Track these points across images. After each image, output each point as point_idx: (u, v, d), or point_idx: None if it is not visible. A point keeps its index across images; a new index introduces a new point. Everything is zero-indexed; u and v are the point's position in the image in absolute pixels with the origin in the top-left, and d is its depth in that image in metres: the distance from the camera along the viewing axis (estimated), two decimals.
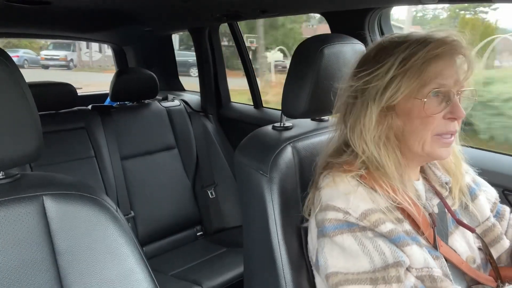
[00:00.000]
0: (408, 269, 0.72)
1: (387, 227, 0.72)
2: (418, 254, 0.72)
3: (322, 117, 1.07)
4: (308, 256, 0.85)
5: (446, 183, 0.85)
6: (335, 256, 0.74)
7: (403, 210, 0.75)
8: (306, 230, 0.85)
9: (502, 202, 0.96)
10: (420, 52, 0.71)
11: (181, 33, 2.45)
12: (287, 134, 0.97)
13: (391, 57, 0.74)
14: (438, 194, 0.84)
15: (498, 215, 0.91)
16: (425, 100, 0.73)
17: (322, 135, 0.98)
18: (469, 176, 0.91)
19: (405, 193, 0.75)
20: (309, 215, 0.82)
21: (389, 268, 0.70)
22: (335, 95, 0.86)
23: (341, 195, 0.75)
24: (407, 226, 0.75)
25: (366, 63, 0.77)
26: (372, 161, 0.76)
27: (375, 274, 0.70)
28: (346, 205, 0.74)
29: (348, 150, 0.81)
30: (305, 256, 0.86)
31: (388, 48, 0.76)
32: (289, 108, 0.96)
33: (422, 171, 0.87)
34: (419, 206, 0.76)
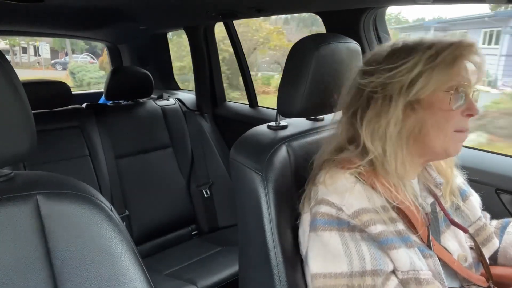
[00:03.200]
0: (394, 272, 0.74)
1: (377, 228, 0.73)
2: (404, 257, 0.73)
3: (317, 117, 1.07)
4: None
5: (440, 184, 0.86)
6: (316, 253, 0.76)
7: (399, 209, 0.76)
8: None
9: (494, 201, 0.97)
10: (448, 50, 0.74)
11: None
12: (282, 133, 0.97)
13: (415, 54, 0.75)
14: (432, 193, 0.85)
15: None
16: (452, 92, 0.75)
17: (317, 134, 0.98)
18: (459, 178, 0.92)
19: (405, 193, 0.76)
20: (305, 209, 0.83)
21: (366, 275, 0.71)
22: (331, 94, 0.85)
23: (337, 191, 0.76)
24: (400, 225, 0.76)
25: (385, 60, 0.78)
26: (381, 159, 0.76)
27: (352, 280, 0.72)
28: (340, 201, 0.75)
29: (350, 147, 0.82)
30: (299, 255, 0.87)
31: (407, 47, 0.78)
32: (284, 108, 0.96)
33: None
34: (417, 205, 0.77)
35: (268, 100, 2.32)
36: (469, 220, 0.89)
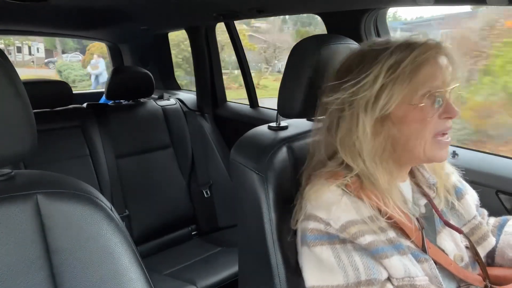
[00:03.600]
0: (389, 279, 0.73)
1: (366, 239, 0.72)
2: (397, 265, 0.72)
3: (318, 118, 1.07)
4: None
5: (433, 184, 0.85)
6: (311, 267, 0.76)
7: (389, 218, 0.75)
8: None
9: (495, 203, 0.96)
10: (407, 59, 0.71)
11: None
12: (282, 134, 0.97)
13: (376, 65, 0.73)
14: (425, 195, 0.85)
15: None
16: (422, 105, 0.73)
17: None
18: (455, 176, 0.91)
19: (393, 202, 0.75)
20: (296, 223, 0.82)
21: (361, 285, 0.71)
22: None
23: (324, 205, 0.75)
24: (391, 233, 0.75)
25: (349, 73, 0.76)
26: (365, 173, 0.75)
27: None
28: (327, 216, 0.74)
29: (334, 160, 0.81)
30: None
31: (370, 56, 0.75)
32: (285, 108, 0.96)
33: (410, 172, 0.87)
34: (406, 212, 0.76)
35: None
36: (464, 219, 0.88)
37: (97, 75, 7.60)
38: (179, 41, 2.38)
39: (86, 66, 8.38)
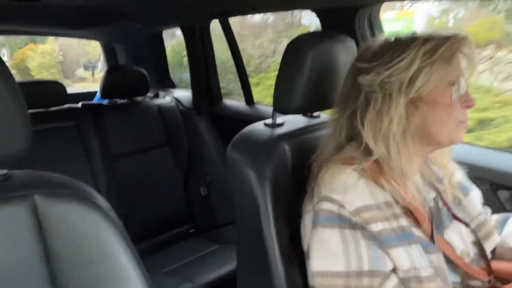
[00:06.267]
0: (394, 271, 0.74)
1: (378, 226, 0.73)
2: (404, 256, 0.73)
3: (313, 114, 1.07)
4: (300, 251, 0.85)
5: (442, 178, 0.86)
6: (318, 251, 0.76)
7: (404, 205, 0.76)
8: (298, 226, 0.86)
9: (490, 196, 0.97)
10: (444, 45, 0.74)
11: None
12: (278, 131, 0.98)
13: (410, 50, 0.75)
14: (434, 188, 0.86)
15: None
16: (453, 87, 0.76)
17: (314, 131, 0.99)
18: (460, 173, 0.92)
19: (409, 189, 0.77)
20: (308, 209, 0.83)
21: (363, 276, 0.72)
22: (327, 90, 0.85)
23: (340, 188, 0.76)
24: (403, 221, 0.76)
25: (380, 57, 0.77)
26: (386, 158, 0.76)
27: (349, 280, 0.72)
28: (342, 198, 0.75)
29: (351, 146, 0.82)
30: (297, 251, 0.87)
31: (401, 44, 0.77)
32: (281, 104, 0.96)
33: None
34: (421, 200, 0.78)
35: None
36: (470, 216, 0.89)
37: None
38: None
39: (14, 68, 10.03)
